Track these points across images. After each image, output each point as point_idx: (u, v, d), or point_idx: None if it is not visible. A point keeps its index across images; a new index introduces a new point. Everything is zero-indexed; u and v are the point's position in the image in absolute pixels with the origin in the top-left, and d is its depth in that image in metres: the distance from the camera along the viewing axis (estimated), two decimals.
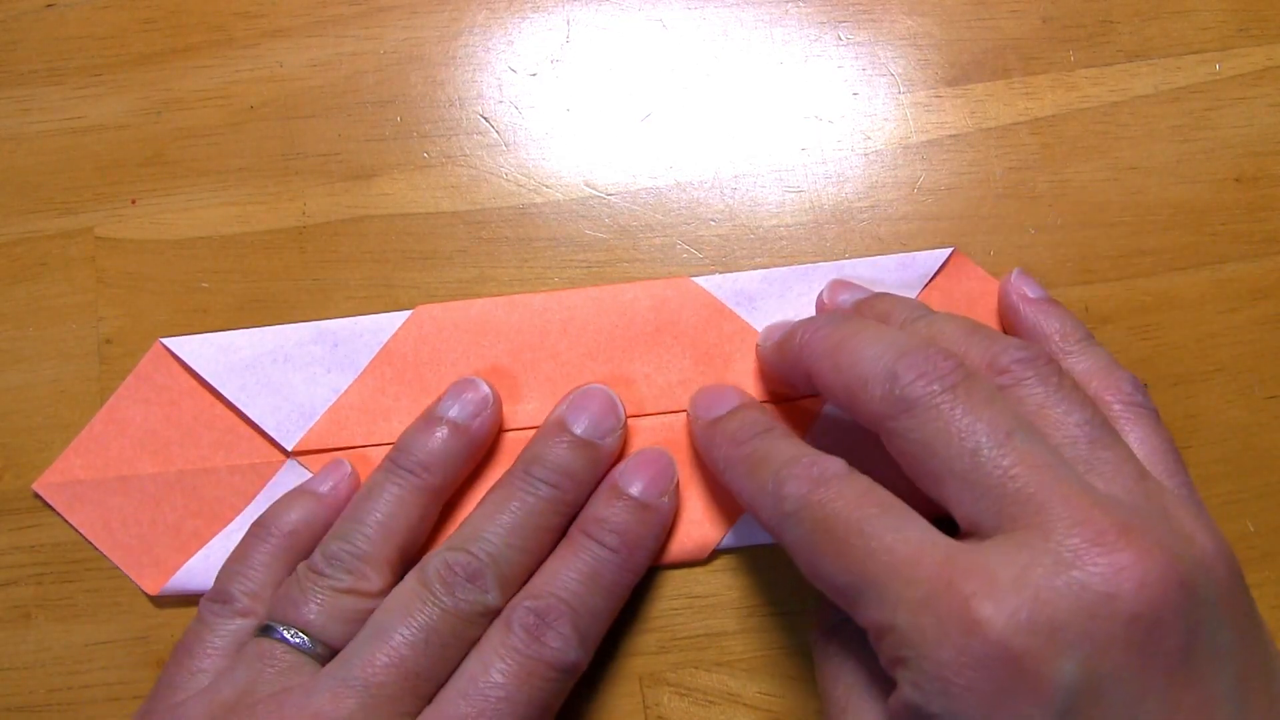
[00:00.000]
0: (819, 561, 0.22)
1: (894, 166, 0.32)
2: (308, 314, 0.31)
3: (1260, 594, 0.29)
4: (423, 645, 0.25)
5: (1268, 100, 0.32)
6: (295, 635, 0.25)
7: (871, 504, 0.22)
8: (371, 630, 0.25)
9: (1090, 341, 0.27)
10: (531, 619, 0.25)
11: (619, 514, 0.27)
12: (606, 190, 0.32)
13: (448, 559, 0.26)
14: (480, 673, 0.25)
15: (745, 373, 0.30)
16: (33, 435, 0.31)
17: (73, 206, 0.32)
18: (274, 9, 0.34)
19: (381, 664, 0.24)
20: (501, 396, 0.30)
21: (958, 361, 0.23)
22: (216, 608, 0.27)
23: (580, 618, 0.26)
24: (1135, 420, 0.25)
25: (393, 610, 0.25)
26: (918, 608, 0.20)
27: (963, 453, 0.22)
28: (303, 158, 0.33)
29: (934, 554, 0.21)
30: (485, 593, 0.26)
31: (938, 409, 0.22)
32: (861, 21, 0.33)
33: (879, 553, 0.21)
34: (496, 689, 0.24)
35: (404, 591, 0.26)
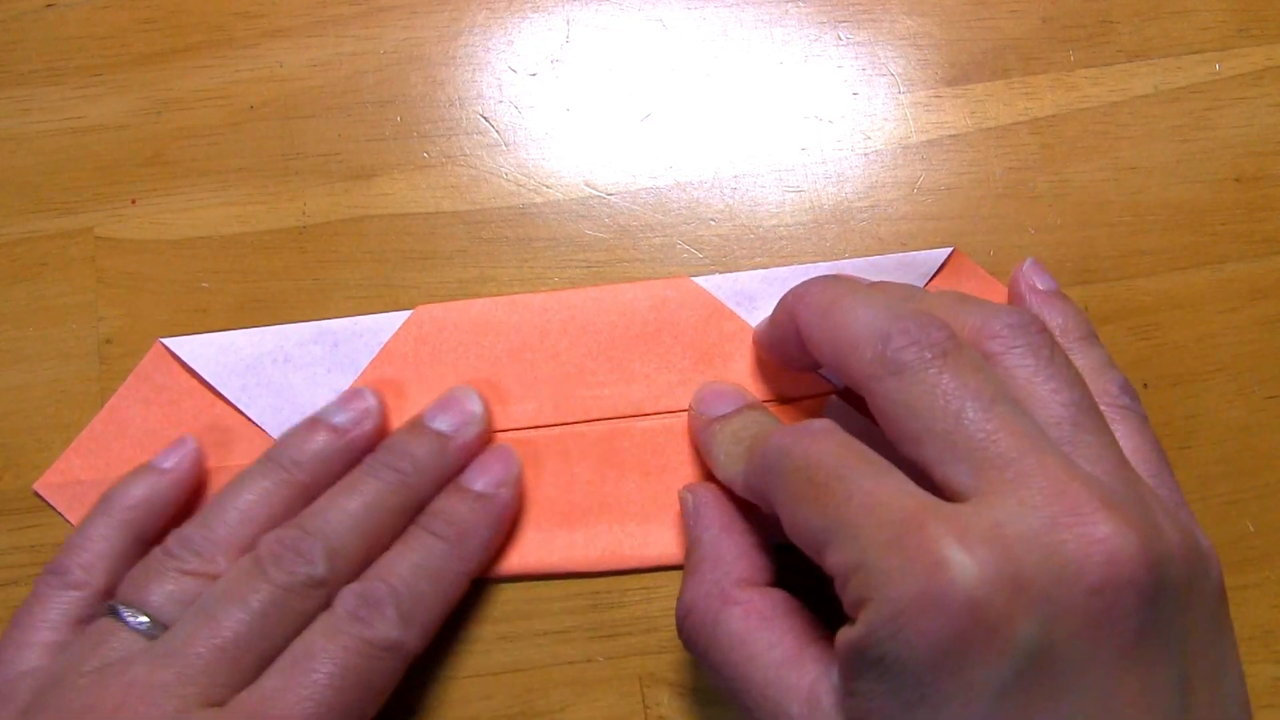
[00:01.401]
0: (798, 508, 0.22)
1: (894, 166, 0.32)
2: (308, 314, 0.31)
3: (1260, 594, 0.29)
4: (245, 619, 0.24)
5: (1268, 100, 0.32)
6: (135, 616, 0.25)
7: (853, 455, 0.22)
8: (198, 607, 0.25)
9: (1090, 340, 0.27)
10: (354, 601, 0.25)
11: (453, 504, 0.28)
12: (606, 190, 0.32)
13: (279, 534, 0.26)
14: (302, 652, 0.25)
15: (745, 373, 0.30)
16: (33, 435, 0.31)
17: (73, 206, 0.32)
18: (274, 9, 0.34)
19: (202, 637, 0.24)
20: (501, 397, 0.30)
21: (950, 331, 0.23)
22: (51, 579, 0.27)
23: (403, 600, 0.26)
24: (1120, 421, 0.25)
25: (220, 587, 0.25)
26: (887, 548, 0.20)
27: (946, 414, 0.22)
28: (303, 158, 0.33)
29: (910, 501, 0.21)
30: (313, 565, 0.25)
31: (925, 373, 0.22)
32: (861, 21, 0.33)
33: (856, 495, 0.21)
34: (317, 666, 0.24)
35: (234, 570, 0.26)
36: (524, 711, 0.29)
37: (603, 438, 0.30)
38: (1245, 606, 0.29)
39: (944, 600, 0.19)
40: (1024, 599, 0.19)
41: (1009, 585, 0.19)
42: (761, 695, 0.23)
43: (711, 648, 0.24)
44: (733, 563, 0.25)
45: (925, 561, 0.19)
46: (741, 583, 0.25)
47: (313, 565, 0.25)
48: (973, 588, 0.19)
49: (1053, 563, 0.19)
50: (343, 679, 0.24)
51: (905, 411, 0.22)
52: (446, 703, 0.29)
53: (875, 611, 0.20)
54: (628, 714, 0.29)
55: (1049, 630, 0.19)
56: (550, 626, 0.29)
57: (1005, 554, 0.19)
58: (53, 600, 0.26)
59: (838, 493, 0.21)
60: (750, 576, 0.25)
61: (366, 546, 0.27)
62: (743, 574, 0.25)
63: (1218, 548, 0.29)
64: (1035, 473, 0.21)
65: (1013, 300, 0.29)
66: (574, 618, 0.29)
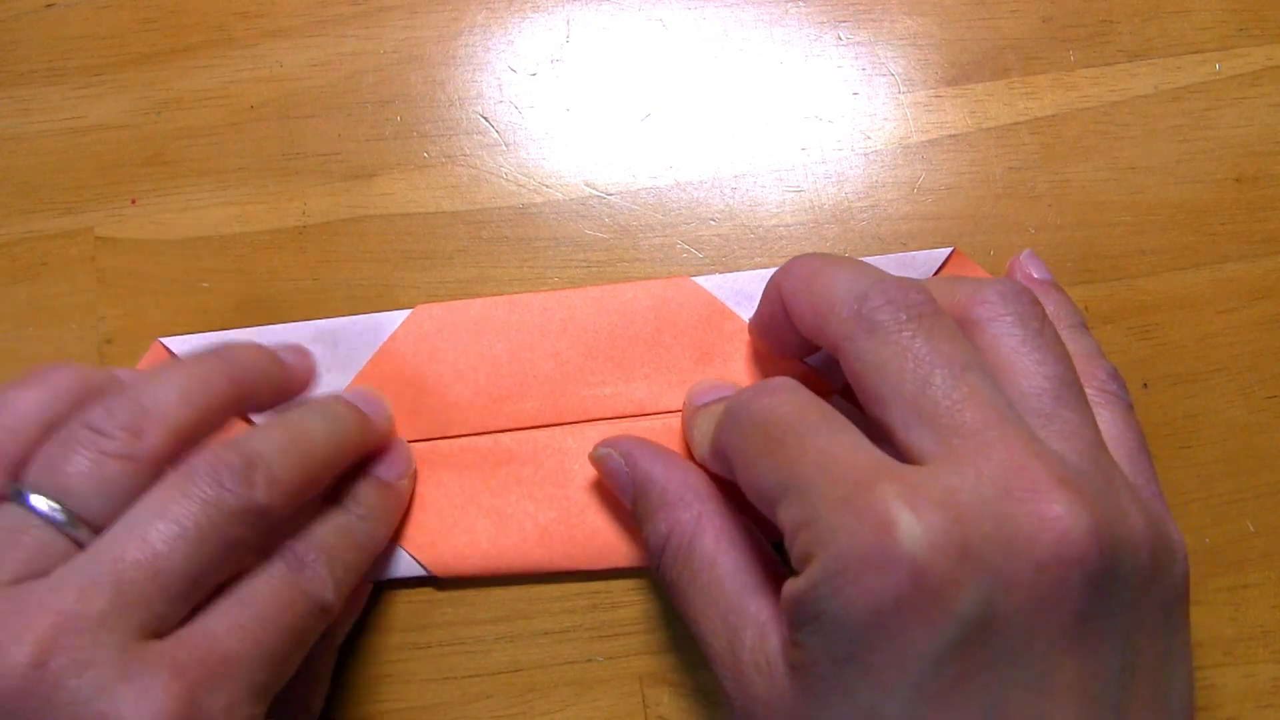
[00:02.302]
0: (754, 464, 0.22)
1: (894, 166, 0.32)
2: (307, 314, 0.31)
3: (1260, 594, 0.29)
4: (180, 541, 0.22)
5: (1268, 100, 0.32)
6: (49, 505, 0.22)
7: (813, 412, 0.22)
8: (126, 523, 0.22)
9: (1081, 328, 0.27)
10: (293, 555, 0.25)
11: (368, 490, 0.28)
12: (606, 190, 0.32)
13: (216, 452, 0.23)
14: (249, 596, 0.24)
15: (745, 373, 0.30)
16: None
17: (73, 206, 0.32)
18: (274, 9, 0.34)
19: (133, 559, 0.21)
20: (501, 396, 0.30)
21: (929, 296, 0.23)
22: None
23: (334, 565, 0.25)
24: (1105, 406, 0.25)
25: (150, 503, 0.23)
26: (838, 504, 0.20)
27: (915, 378, 0.21)
28: (303, 158, 0.33)
29: (864, 459, 0.21)
30: (253, 488, 0.23)
31: (898, 334, 0.22)
32: (861, 21, 0.33)
33: (811, 452, 0.21)
34: (265, 613, 0.23)
35: (164, 485, 0.23)
36: (524, 711, 0.29)
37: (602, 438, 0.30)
38: (1245, 606, 0.29)
39: (887, 560, 0.19)
40: (969, 567, 0.19)
41: (955, 552, 0.19)
42: (722, 619, 0.23)
43: (684, 570, 0.24)
44: (697, 487, 0.26)
45: (872, 520, 0.19)
46: (711, 504, 0.25)
47: (254, 489, 0.23)
48: (918, 550, 0.19)
49: (1002, 534, 0.19)
50: (282, 632, 0.23)
51: (875, 372, 0.22)
52: (447, 703, 0.29)
53: (819, 567, 0.20)
54: (628, 714, 0.29)
55: (992, 602, 0.19)
56: (550, 626, 0.29)
57: (955, 520, 0.19)
58: None
59: (792, 448, 0.21)
60: (714, 497, 0.26)
61: (300, 480, 0.25)
62: (709, 495, 0.25)
63: (1218, 548, 0.29)
64: (996, 444, 0.20)
65: None
66: (574, 618, 0.29)
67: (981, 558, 0.19)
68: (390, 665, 0.29)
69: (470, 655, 0.29)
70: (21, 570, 0.22)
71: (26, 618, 0.21)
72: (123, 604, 0.21)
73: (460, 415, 0.30)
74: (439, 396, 0.30)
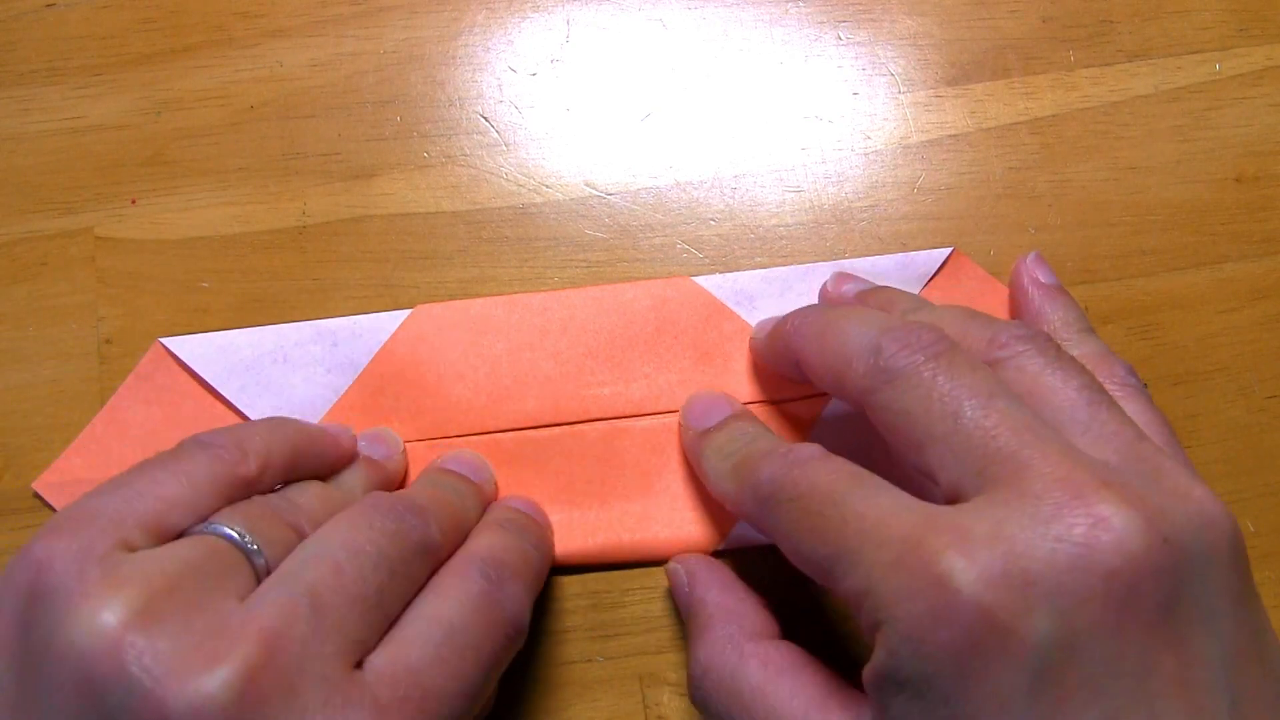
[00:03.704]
0: (798, 539, 0.22)
1: (894, 166, 0.32)
2: (308, 314, 0.31)
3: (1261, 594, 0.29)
4: (371, 568, 0.22)
5: (1268, 100, 0.32)
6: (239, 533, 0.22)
7: (845, 477, 0.22)
8: (308, 550, 0.22)
9: (1089, 332, 0.28)
10: (492, 569, 0.24)
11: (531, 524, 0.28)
12: (606, 190, 0.32)
13: (386, 495, 0.24)
14: (440, 613, 0.22)
15: (745, 372, 0.30)
16: (33, 435, 0.31)
17: (73, 206, 0.32)
18: (274, 9, 0.34)
19: (329, 584, 0.21)
20: (501, 396, 0.30)
21: (940, 334, 0.23)
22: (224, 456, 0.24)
23: (526, 586, 0.24)
24: (1128, 398, 0.25)
25: (331, 532, 0.22)
26: (890, 568, 0.20)
27: (945, 416, 0.21)
28: (303, 158, 0.33)
29: (907, 517, 0.20)
30: (428, 526, 0.24)
31: (919, 377, 0.22)
32: (861, 21, 0.33)
33: (852, 520, 0.21)
34: (459, 641, 0.22)
35: (343, 518, 0.23)
36: (524, 711, 0.29)
37: (603, 437, 0.30)
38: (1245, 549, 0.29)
39: (953, 612, 0.19)
40: (1034, 594, 0.19)
41: (1016, 584, 0.19)
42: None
43: (732, 704, 0.24)
44: (742, 618, 0.25)
45: (928, 577, 0.19)
46: (755, 636, 0.25)
47: (429, 527, 0.23)
48: (980, 594, 0.19)
49: (1060, 552, 0.19)
50: (489, 661, 0.23)
51: (904, 419, 0.22)
52: None
53: (891, 634, 0.20)
54: (628, 714, 0.29)
55: (1066, 622, 0.19)
56: (550, 626, 0.29)
57: (1009, 553, 0.19)
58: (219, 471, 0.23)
59: (834, 519, 0.21)
60: (761, 630, 0.25)
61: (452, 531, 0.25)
62: (754, 627, 0.25)
63: None
64: (1036, 462, 0.20)
65: (1013, 291, 0.30)
66: (574, 618, 0.29)
67: (1045, 581, 0.19)
68: None
69: None
70: (217, 584, 0.21)
71: (230, 637, 0.19)
72: (322, 627, 0.20)
73: (460, 415, 0.30)
74: (439, 396, 0.30)
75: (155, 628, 0.19)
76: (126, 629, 0.19)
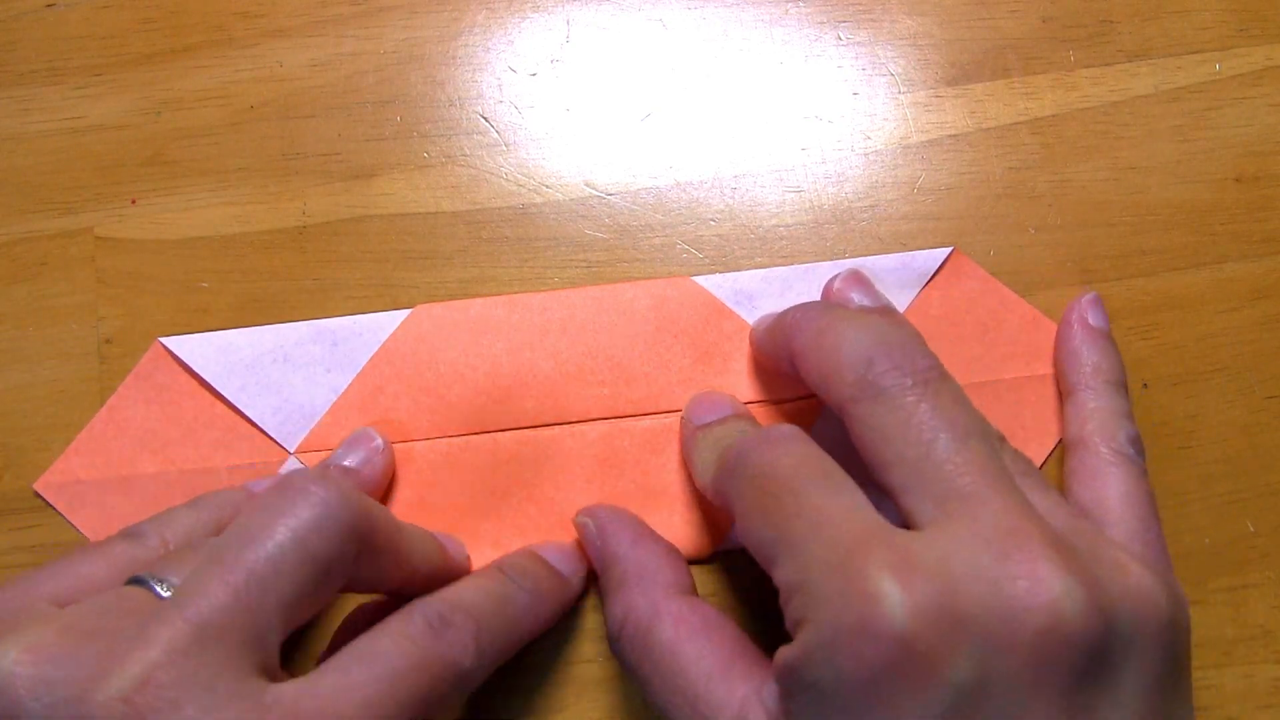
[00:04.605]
0: (750, 517, 0.22)
1: (894, 166, 0.32)
2: (308, 314, 0.31)
3: (1260, 594, 0.29)
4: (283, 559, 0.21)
5: (1268, 100, 0.32)
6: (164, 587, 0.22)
7: (813, 468, 0.22)
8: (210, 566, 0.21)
9: (1117, 387, 0.28)
10: (434, 613, 0.23)
11: (538, 568, 0.27)
12: (606, 190, 0.32)
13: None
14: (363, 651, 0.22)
15: (745, 372, 0.30)
16: (33, 435, 0.31)
17: (73, 206, 0.32)
18: (274, 9, 0.34)
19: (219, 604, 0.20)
20: (501, 396, 0.30)
21: (935, 363, 0.23)
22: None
23: (482, 633, 0.24)
24: (1120, 468, 0.25)
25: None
26: (829, 569, 0.20)
27: (918, 443, 0.22)
28: (303, 158, 0.33)
29: (860, 524, 0.20)
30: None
31: (904, 399, 0.22)
32: (861, 21, 0.33)
33: (807, 512, 0.21)
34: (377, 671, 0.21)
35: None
36: (524, 711, 0.29)
37: (603, 437, 0.30)
38: (1245, 606, 0.29)
39: (876, 631, 0.19)
40: (960, 635, 0.19)
41: (945, 620, 0.19)
42: (691, 709, 0.23)
43: (644, 659, 0.24)
44: (656, 572, 0.25)
45: (863, 591, 0.19)
46: (670, 590, 0.25)
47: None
48: (905, 620, 0.19)
49: (995, 600, 0.19)
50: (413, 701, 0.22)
51: (879, 437, 0.22)
52: None
53: (812, 634, 0.20)
54: (628, 714, 0.29)
55: (985, 668, 0.19)
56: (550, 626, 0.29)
57: (945, 589, 0.19)
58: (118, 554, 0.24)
59: (788, 506, 0.21)
60: (674, 584, 0.25)
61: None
62: (669, 581, 0.25)
63: (1218, 548, 0.29)
64: (994, 507, 0.20)
65: (1061, 326, 0.30)
66: (574, 618, 0.29)
67: (973, 625, 0.19)
68: None
69: None
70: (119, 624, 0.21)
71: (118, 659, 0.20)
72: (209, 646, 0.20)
73: (460, 415, 0.30)
74: (439, 396, 0.30)
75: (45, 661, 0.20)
76: (17, 664, 0.20)
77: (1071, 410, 0.28)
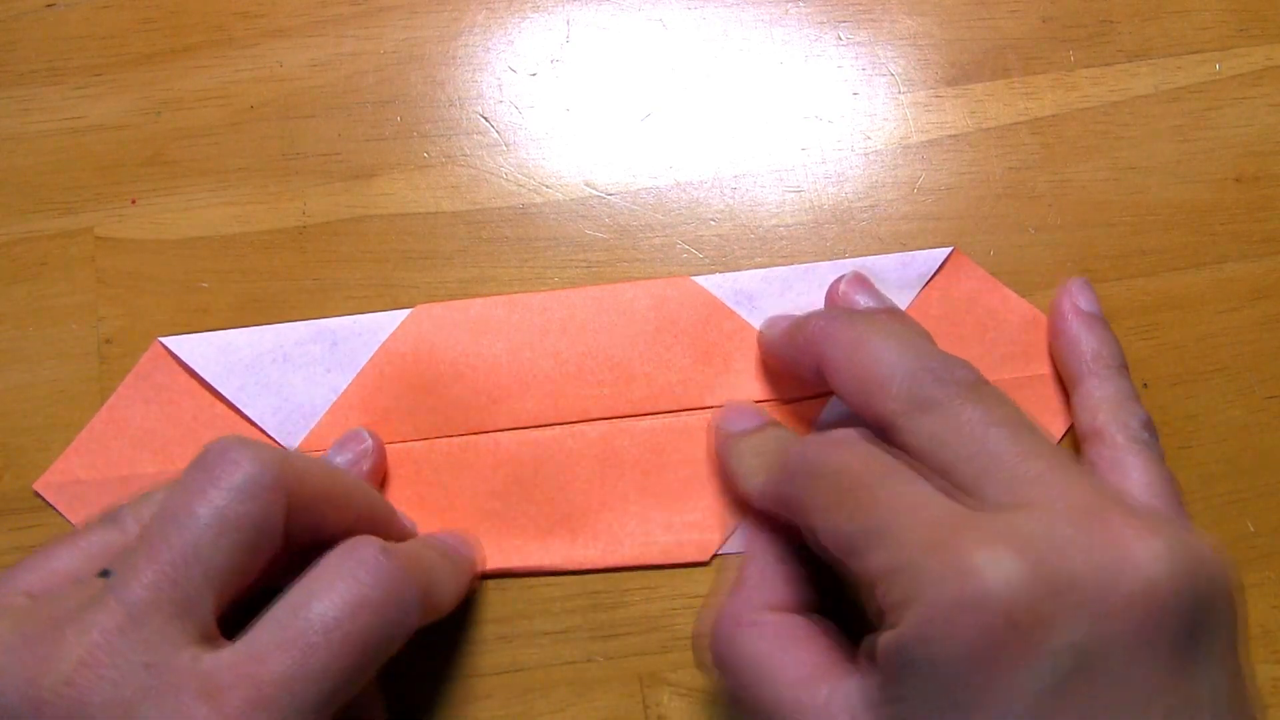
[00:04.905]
0: (828, 515, 0.22)
1: (894, 166, 0.32)
2: (307, 314, 0.31)
3: (1260, 594, 0.29)
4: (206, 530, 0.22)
5: (1268, 100, 0.32)
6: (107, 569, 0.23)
7: (886, 463, 0.22)
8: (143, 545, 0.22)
9: (1120, 370, 0.28)
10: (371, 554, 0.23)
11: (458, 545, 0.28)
12: (606, 190, 0.32)
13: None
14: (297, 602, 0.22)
15: (745, 372, 0.30)
16: (33, 435, 0.31)
17: (73, 206, 0.32)
18: (274, 9, 0.34)
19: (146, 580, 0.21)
20: (501, 396, 0.30)
21: (975, 371, 0.24)
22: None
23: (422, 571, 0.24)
24: (1138, 456, 0.26)
25: (165, 524, 0.23)
26: (928, 550, 0.20)
27: (974, 440, 0.22)
28: (303, 158, 0.33)
29: (943, 508, 0.21)
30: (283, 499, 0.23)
31: (952, 406, 0.23)
32: (861, 21, 0.33)
33: (891, 500, 0.21)
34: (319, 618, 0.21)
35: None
36: (524, 711, 0.29)
37: (602, 437, 0.30)
38: (1245, 606, 0.29)
39: (982, 603, 0.19)
40: (1063, 603, 0.19)
41: (1047, 589, 0.19)
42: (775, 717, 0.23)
43: (726, 669, 0.24)
44: (756, 588, 0.25)
45: (962, 565, 0.20)
46: (762, 607, 0.25)
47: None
48: (1009, 591, 0.19)
49: (1091, 568, 0.19)
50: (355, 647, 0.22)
51: (935, 444, 0.23)
52: (446, 703, 0.29)
53: (915, 614, 0.20)
54: (628, 714, 0.29)
55: (1089, 634, 0.19)
56: (550, 626, 0.29)
57: (1043, 559, 0.19)
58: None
59: (869, 498, 0.22)
60: (774, 602, 0.25)
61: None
62: (766, 600, 0.25)
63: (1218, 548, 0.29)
64: (1063, 488, 0.21)
65: (1054, 312, 0.30)
66: (574, 618, 0.29)
67: (1074, 592, 0.19)
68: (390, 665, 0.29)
69: (470, 655, 0.29)
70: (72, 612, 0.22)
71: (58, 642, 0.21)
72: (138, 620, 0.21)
73: (460, 415, 0.30)
74: (439, 396, 0.30)
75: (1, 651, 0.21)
76: None
77: (1079, 400, 0.28)
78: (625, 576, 0.30)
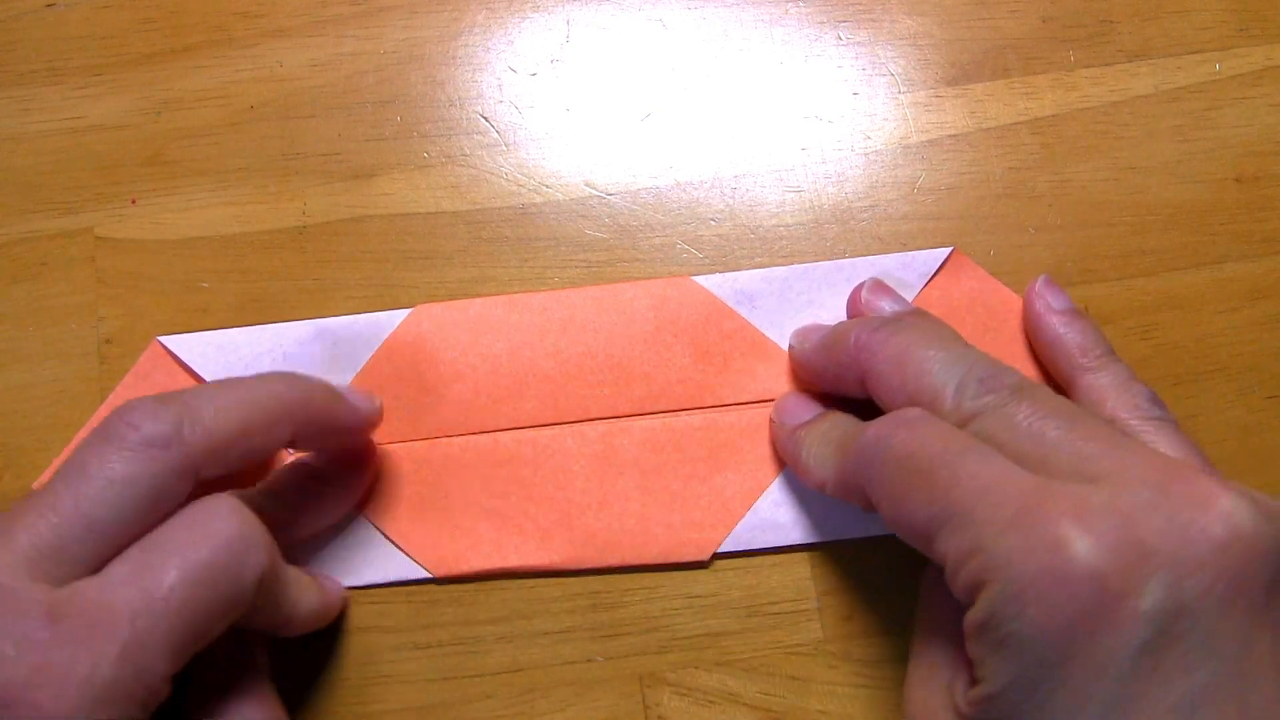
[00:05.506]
0: (904, 497, 0.22)
1: (894, 166, 0.32)
2: (307, 314, 0.31)
3: None
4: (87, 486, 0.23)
5: (1268, 100, 0.32)
6: None
7: (955, 441, 0.22)
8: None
9: (1111, 356, 0.28)
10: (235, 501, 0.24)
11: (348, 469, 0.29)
12: (606, 190, 0.32)
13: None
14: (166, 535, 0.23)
15: (745, 371, 0.30)
16: (33, 435, 0.31)
17: (73, 206, 0.32)
18: (274, 9, 0.34)
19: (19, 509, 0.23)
20: (501, 396, 0.30)
21: (1015, 372, 0.24)
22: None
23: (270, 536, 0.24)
24: (1156, 432, 0.26)
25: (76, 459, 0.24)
26: (1005, 528, 0.20)
27: (1032, 434, 0.22)
28: (303, 158, 0.33)
29: (1022, 482, 0.21)
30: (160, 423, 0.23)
31: (1004, 410, 0.23)
32: (861, 21, 0.33)
33: (965, 479, 0.21)
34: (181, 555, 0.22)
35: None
36: (524, 711, 0.29)
37: (602, 437, 0.30)
38: None
39: (1067, 574, 0.19)
40: (1148, 565, 0.19)
41: (1131, 554, 0.19)
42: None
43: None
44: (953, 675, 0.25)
45: (1045, 539, 0.20)
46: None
47: (160, 424, 0.23)
48: (1093, 560, 0.19)
49: (1173, 527, 0.20)
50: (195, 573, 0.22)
51: (994, 445, 0.23)
52: (447, 703, 0.29)
53: (998, 591, 0.20)
54: (628, 714, 0.29)
55: (1176, 593, 0.19)
56: (550, 626, 0.29)
57: (1124, 524, 0.20)
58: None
59: (944, 478, 0.22)
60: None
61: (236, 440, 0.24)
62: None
63: None
64: (1130, 457, 0.21)
65: (1027, 319, 0.30)
66: (574, 618, 0.29)
67: (1157, 553, 0.19)
68: (390, 665, 0.29)
69: (470, 655, 0.29)
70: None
71: None
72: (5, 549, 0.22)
73: (460, 415, 0.30)
74: (439, 396, 0.30)
75: None
76: None
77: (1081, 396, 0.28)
78: (625, 576, 0.30)
